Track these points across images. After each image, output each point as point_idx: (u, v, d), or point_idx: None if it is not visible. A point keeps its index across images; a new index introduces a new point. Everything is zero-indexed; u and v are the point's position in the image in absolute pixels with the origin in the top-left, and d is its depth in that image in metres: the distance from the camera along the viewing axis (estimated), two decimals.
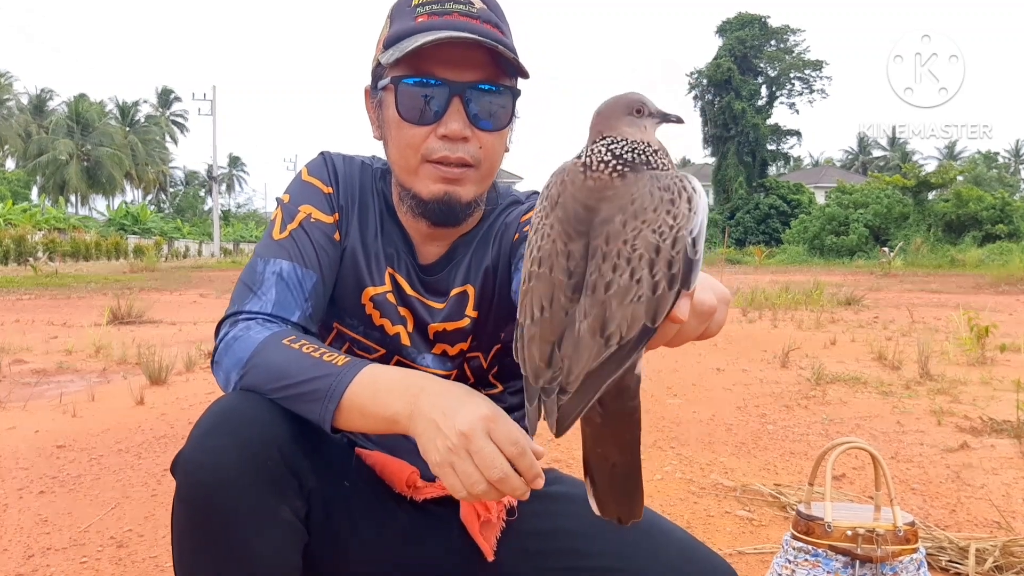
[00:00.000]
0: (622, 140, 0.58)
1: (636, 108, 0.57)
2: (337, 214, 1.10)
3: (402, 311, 1.12)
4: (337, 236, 1.09)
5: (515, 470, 0.79)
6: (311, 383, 0.88)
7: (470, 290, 1.13)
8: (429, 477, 1.07)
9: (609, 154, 0.58)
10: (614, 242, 0.57)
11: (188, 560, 0.89)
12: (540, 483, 0.81)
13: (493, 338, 1.15)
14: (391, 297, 1.11)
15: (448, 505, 1.07)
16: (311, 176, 1.11)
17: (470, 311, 1.12)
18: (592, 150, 0.59)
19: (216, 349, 0.98)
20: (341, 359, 0.91)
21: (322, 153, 1.15)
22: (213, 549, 0.86)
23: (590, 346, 0.58)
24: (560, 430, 0.63)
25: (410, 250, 1.13)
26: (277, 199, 1.12)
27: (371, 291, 1.11)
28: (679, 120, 0.63)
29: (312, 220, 1.07)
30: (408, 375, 0.90)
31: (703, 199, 0.56)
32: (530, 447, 0.81)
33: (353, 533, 1.00)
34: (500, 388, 1.19)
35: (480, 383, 1.17)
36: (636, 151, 0.58)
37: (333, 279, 1.09)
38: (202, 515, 0.85)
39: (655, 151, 0.57)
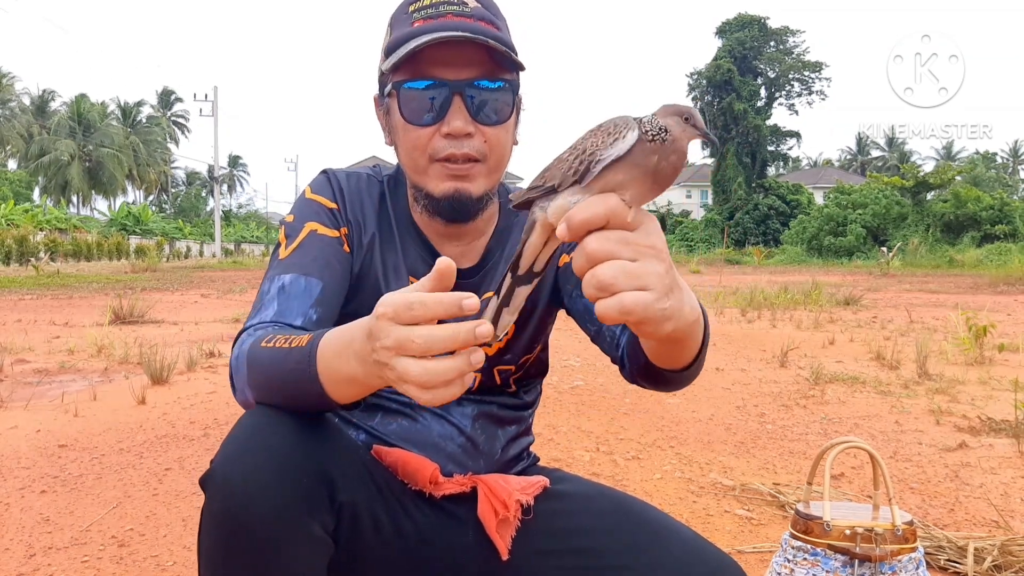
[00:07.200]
0: (661, 124, 0.74)
1: (685, 116, 0.73)
2: (345, 228, 1.10)
3: None
4: (346, 248, 1.10)
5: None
6: (294, 379, 0.84)
7: None
8: (448, 473, 1.09)
9: (653, 125, 0.73)
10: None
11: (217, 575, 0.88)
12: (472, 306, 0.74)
13: (526, 349, 1.17)
14: None
15: (465, 504, 1.08)
16: (315, 194, 1.12)
17: None
18: (647, 119, 0.75)
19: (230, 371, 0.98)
20: (304, 339, 0.85)
21: (324, 171, 1.16)
22: (243, 566, 0.85)
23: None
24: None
25: (432, 254, 1.13)
26: (281, 221, 1.12)
27: None
28: (713, 141, 0.80)
29: (317, 234, 1.07)
30: (343, 333, 0.82)
31: (625, 142, 0.72)
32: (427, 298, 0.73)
33: (373, 537, 0.99)
34: (515, 389, 1.20)
35: (503, 385, 1.18)
36: (663, 131, 0.72)
37: (344, 289, 1.08)
38: (234, 531, 0.84)
39: (674, 139, 0.74)
